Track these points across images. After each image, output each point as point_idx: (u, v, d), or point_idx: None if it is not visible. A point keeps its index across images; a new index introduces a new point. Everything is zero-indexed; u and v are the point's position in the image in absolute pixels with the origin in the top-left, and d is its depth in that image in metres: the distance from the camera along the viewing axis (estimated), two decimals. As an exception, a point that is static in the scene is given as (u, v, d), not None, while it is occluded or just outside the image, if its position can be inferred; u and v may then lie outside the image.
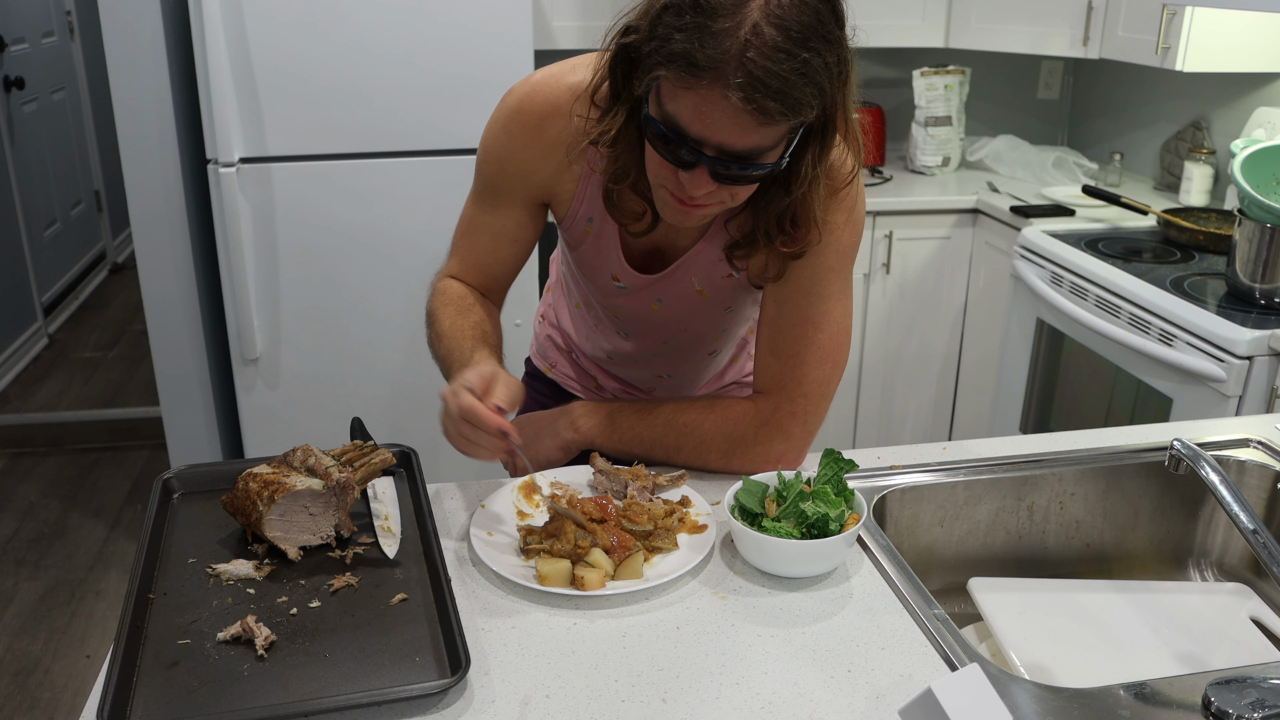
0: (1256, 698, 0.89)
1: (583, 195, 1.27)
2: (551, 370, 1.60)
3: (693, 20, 0.98)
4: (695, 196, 1.08)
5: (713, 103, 0.99)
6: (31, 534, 3.07)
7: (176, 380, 2.69)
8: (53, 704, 2.40)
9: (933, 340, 3.12)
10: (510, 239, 1.32)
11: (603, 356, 1.52)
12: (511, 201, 1.30)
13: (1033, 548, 1.37)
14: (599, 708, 0.91)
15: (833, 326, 1.27)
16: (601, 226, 1.29)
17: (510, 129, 1.25)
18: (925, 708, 0.79)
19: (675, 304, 1.35)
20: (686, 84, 0.99)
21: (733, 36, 0.97)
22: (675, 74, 1.00)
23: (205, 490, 1.22)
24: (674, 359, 1.48)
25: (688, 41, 0.98)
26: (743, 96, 0.97)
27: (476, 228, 1.33)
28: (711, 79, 0.98)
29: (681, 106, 1.02)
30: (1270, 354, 1.96)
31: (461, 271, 1.36)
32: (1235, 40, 2.54)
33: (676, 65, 0.99)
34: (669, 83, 1.02)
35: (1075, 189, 2.95)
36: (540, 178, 1.27)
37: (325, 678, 0.93)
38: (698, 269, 1.30)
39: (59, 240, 4.66)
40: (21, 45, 4.30)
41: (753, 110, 0.98)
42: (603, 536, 1.10)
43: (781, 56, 0.97)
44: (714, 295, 1.34)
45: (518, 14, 2.43)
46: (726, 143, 1.02)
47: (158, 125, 2.49)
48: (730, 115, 0.99)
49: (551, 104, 1.22)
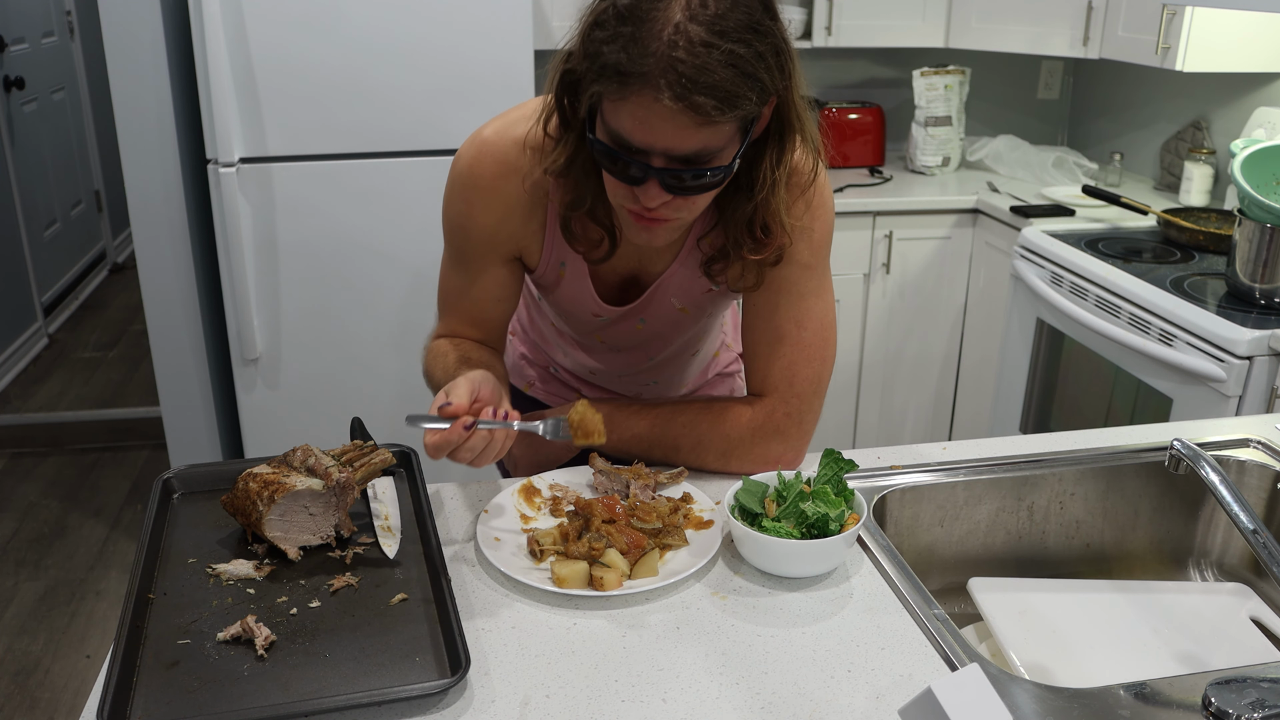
0: (1256, 698, 0.89)
1: (551, 242, 1.26)
2: (530, 388, 1.58)
3: (617, 30, 0.98)
4: (652, 209, 1.07)
5: (647, 108, 0.98)
6: (31, 534, 3.07)
7: (176, 380, 2.69)
8: (53, 704, 2.40)
9: (933, 340, 3.12)
10: (495, 298, 1.31)
11: (585, 371, 1.51)
12: (487, 264, 1.28)
13: (1033, 548, 1.37)
14: (599, 708, 0.91)
15: (816, 323, 1.27)
16: (574, 269, 1.28)
17: (467, 196, 1.24)
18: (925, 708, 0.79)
19: (658, 324, 1.36)
20: (620, 94, 0.99)
21: (658, 39, 0.96)
22: (608, 87, 0.99)
23: (205, 490, 1.22)
24: (659, 367, 1.48)
25: (616, 52, 0.98)
26: (673, 95, 0.96)
27: (460, 293, 1.32)
28: (641, 84, 0.97)
29: (621, 118, 1.01)
30: (1270, 354, 1.96)
31: (453, 330, 1.34)
32: (1235, 40, 2.54)
33: (608, 78, 0.99)
34: (606, 99, 1.01)
35: (1075, 189, 2.95)
36: (507, 234, 1.25)
37: (325, 678, 0.93)
38: (676, 290, 1.30)
39: (59, 240, 4.66)
40: (21, 45, 4.30)
41: (686, 109, 0.97)
42: (617, 538, 1.10)
43: (706, 51, 0.96)
44: (696, 310, 1.35)
45: (518, 14, 2.43)
46: (671, 147, 1.01)
47: (158, 125, 2.49)
48: (667, 118, 0.98)
49: (501, 163, 1.21)
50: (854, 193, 2.98)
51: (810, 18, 3.11)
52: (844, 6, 3.03)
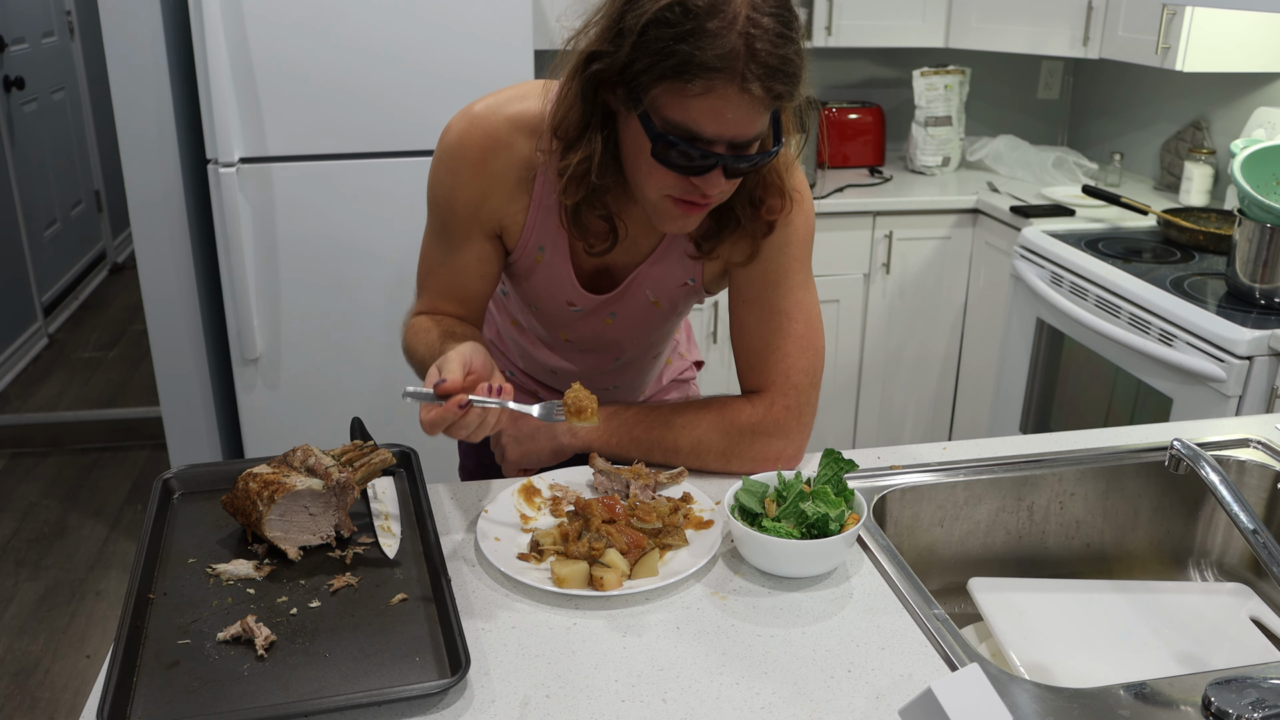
0: (1256, 698, 0.89)
1: (533, 225, 1.26)
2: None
3: (687, 27, 0.99)
4: (710, 195, 1.10)
5: (728, 99, 1.01)
6: (31, 534, 3.07)
7: (176, 380, 2.69)
8: (53, 704, 2.40)
9: (933, 340, 3.12)
10: (477, 274, 1.31)
11: (545, 374, 1.50)
12: (469, 238, 1.28)
13: (1033, 548, 1.37)
14: (599, 708, 0.91)
15: (805, 315, 1.28)
16: (553, 254, 1.28)
17: (453, 167, 1.24)
18: (925, 708, 0.79)
19: (629, 319, 1.36)
20: (700, 88, 1.01)
21: (731, 31, 0.99)
22: (684, 82, 1.01)
23: (205, 490, 1.22)
24: (622, 369, 1.48)
25: (690, 48, 0.99)
26: (763, 86, 1.00)
27: (441, 267, 1.31)
28: (727, 77, 1.00)
29: (693, 111, 1.03)
30: (1270, 354, 1.96)
31: (434, 306, 1.33)
32: (1235, 40, 2.54)
33: (686, 73, 1.00)
34: (672, 93, 1.03)
35: (1075, 189, 2.95)
36: (491, 209, 1.26)
37: (325, 678, 0.93)
38: (651, 282, 1.31)
39: (59, 240, 4.66)
40: (21, 45, 4.30)
41: (769, 98, 1.01)
42: (617, 538, 1.10)
43: (783, 41, 1.01)
44: (668, 304, 1.35)
45: (518, 14, 2.43)
46: (739, 135, 1.05)
47: (158, 125, 2.49)
48: (744, 107, 1.02)
49: (492, 137, 1.21)
50: (854, 193, 2.98)
51: (810, 18, 3.10)
52: (844, 6, 3.03)
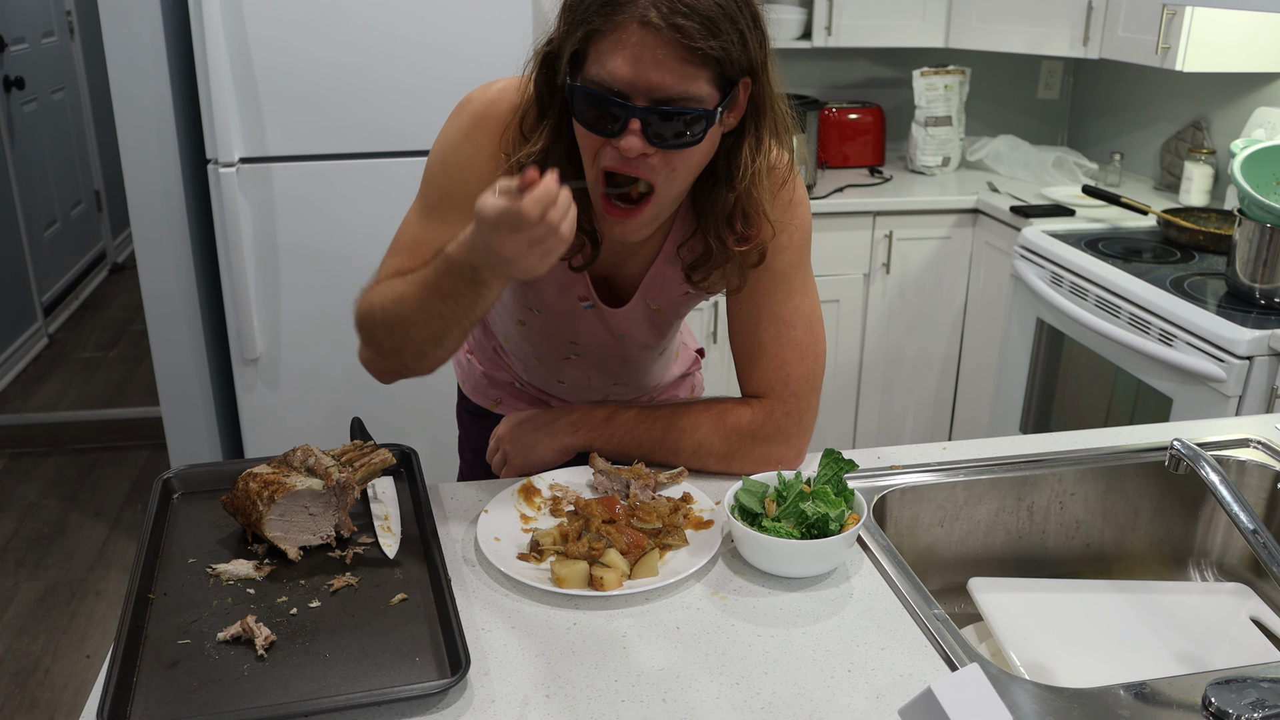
0: (1256, 698, 0.89)
1: None
2: (498, 406, 1.54)
3: None
4: (633, 162, 1.06)
5: (630, 33, 1.01)
6: (31, 534, 3.07)
7: (176, 380, 2.69)
8: (53, 704, 2.40)
9: (933, 340, 3.12)
10: None
11: (552, 383, 1.49)
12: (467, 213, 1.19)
13: (1033, 548, 1.37)
14: (599, 708, 0.91)
15: (805, 320, 1.28)
16: None
17: (474, 136, 1.19)
18: (925, 708, 0.79)
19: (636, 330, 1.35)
20: (606, 27, 1.02)
21: None
22: (594, 22, 1.02)
23: (205, 490, 1.22)
24: (629, 368, 1.47)
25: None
26: (661, 15, 0.99)
27: (423, 242, 1.20)
28: (629, 11, 1.01)
29: (604, 55, 1.03)
30: (1270, 354, 1.96)
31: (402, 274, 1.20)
32: (1235, 40, 2.54)
33: (594, 18, 1.02)
34: (591, 42, 1.04)
35: (1075, 189, 2.95)
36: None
37: (325, 678, 0.93)
38: (653, 292, 1.30)
39: (59, 240, 4.66)
40: (21, 45, 4.30)
41: (671, 31, 1.00)
42: (617, 538, 1.10)
43: None
44: (671, 311, 1.35)
45: (518, 14, 2.43)
46: (654, 85, 1.03)
47: (158, 125, 2.49)
48: (651, 45, 1.01)
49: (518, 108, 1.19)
50: (854, 193, 2.98)
51: (810, 18, 3.10)
52: (844, 6, 3.03)
